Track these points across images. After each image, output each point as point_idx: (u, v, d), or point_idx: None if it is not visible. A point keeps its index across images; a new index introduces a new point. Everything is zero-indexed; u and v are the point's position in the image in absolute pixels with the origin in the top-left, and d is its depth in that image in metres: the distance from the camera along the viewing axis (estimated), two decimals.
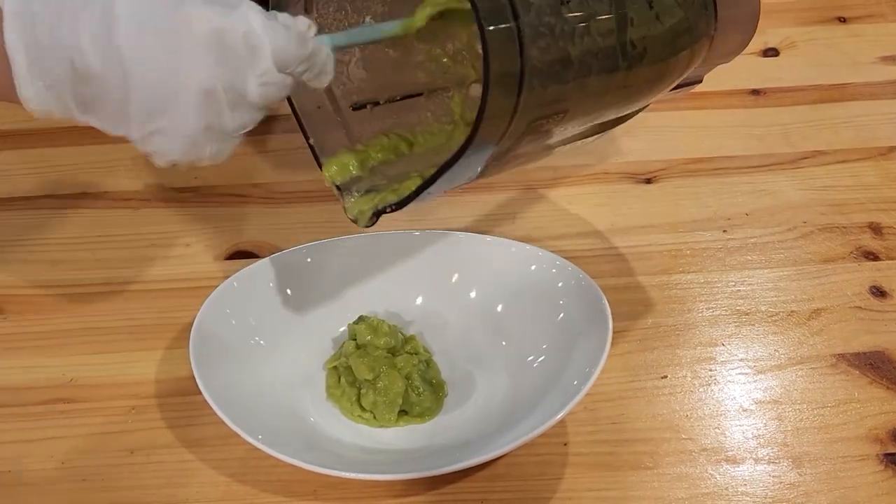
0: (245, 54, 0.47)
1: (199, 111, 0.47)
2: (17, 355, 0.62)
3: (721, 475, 0.55)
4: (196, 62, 0.46)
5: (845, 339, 0.62)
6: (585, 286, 0.59)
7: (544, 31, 0.46)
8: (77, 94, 0.47)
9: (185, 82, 0.46)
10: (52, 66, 0.46)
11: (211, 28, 0.46)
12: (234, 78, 0.47)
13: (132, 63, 0.45)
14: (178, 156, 0.49)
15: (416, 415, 0.57)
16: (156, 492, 0.54)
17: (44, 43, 0.46)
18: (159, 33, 0.46)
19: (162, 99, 0.46)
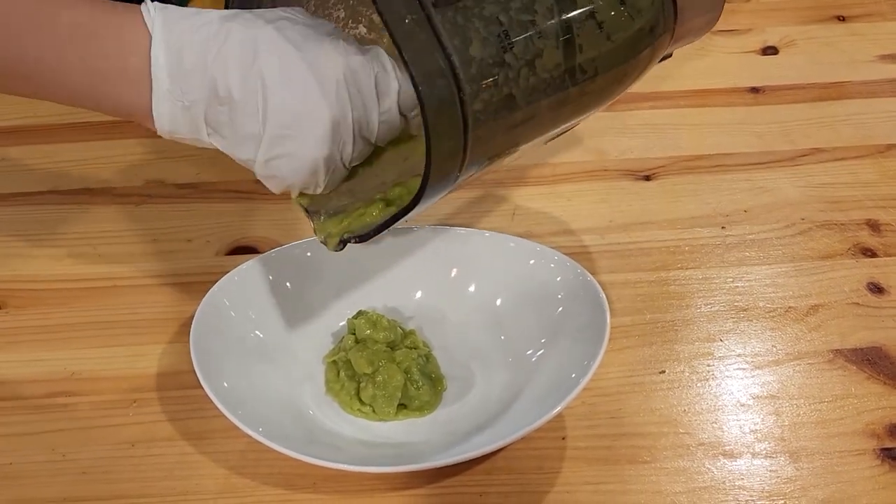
0: (374, 92, 0.50)
1: (325, 140, 0.50)
2: (19, 349, 0.62)
3: (718, 469, 0.55)
4: (331, 95, 0.49)
5: (843, 335, 0.62)
6: (584, 281, 0.60)
7: (487, 84, 0.47)
8: (211, 116, 0.50)
9: (318, 113, 0.49)
10: (193, 89, 0.50)
11: (347, 65, 0.49)
12: (361, 113, 0.50)
13: (272, 90, 0.49)
14: (298, 180, 0.52)
15: (415, 408, 0.58)
16: (156, 484, 0.55)
17: (188, 67, 0.49)
18: (300, 66, 0.49)
19: (294, 126, 0.50)
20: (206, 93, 0.50)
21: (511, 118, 0.49)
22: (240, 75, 0.49)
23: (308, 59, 0.49)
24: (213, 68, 0.49)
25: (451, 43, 0.46)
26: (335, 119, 0.50)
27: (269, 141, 0.50)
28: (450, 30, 0.46)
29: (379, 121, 0.51)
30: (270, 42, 0.49)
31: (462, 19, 0.47)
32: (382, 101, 0.50)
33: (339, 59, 0.49)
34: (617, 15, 0.51)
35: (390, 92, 0.50)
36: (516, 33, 0.48)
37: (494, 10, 0.47)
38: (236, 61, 0.49)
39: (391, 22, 0.45)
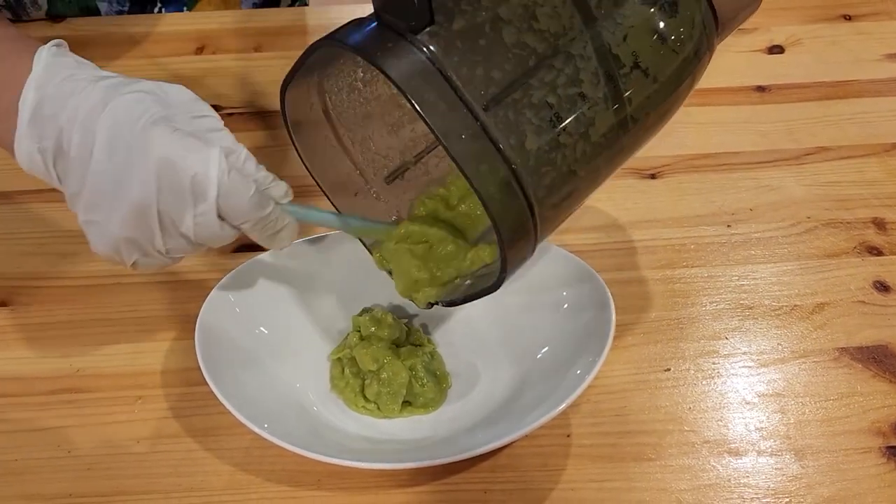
0: (188, 191, 0.50)
1: (127, 223, 0.52)
2: (26, 346, 0.63)
3: (724, 467, 0.55)
4: (140, 179, 0.50)
5: (848, 334, 0.62)
6: (589, 279, 0.59)
7: (547, 170, 0.48)
8: (58, 165, 0.52)
9: (125, 193, 0.51)
10: (46, 136, 0.52)
11: (165, 156, 0.50)
12: (170, 207, 0.51)
13: (95, 158, 0.51)
14: (102, 251, 0.54)
15: (419, 405, 0.58)
16: (161, 480, 0.55)
17: (47, 113, 0.52)
18: (123, 142, 0.51)
19: (103, 197, 0.51)
20: (54, 143, 0.52)
21: (573, 189, 0.50)
22: (79, 135, 0.51)
23: (134, 142, 0.50)
24: (63, 121, 0.51)
25: (507, 143, 0.46)
26: (137, 207, 0.51)
27: (86, 204, 0.52)
28: (504, 130, 0.46)
29: (195, 222, 0.51)
30: (114, 113, 0.51)
31: (513, 115, 0.46)
32: (197, 204, 0.51)
33: (161, 150, 0.50)
34: (660, 56, 0.50)
35: (207, 197, 0.51)
36: (566, 112, 0.48)
37: (542, 94, 0.47)
38: (81, 121, 0.51)
39: (449, 144, 0.45)
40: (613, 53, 0.49)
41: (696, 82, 0.55)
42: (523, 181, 0.47)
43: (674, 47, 0.51)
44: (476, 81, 0.46)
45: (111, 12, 0.90)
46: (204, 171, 0.50)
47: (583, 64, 0.48)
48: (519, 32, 0.47)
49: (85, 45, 0.83)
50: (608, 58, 0.49)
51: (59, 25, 0.89)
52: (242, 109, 0.81)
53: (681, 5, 0.51)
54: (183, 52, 0.87)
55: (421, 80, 0.45)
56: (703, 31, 0.53)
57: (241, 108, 0.81)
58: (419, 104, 0.45)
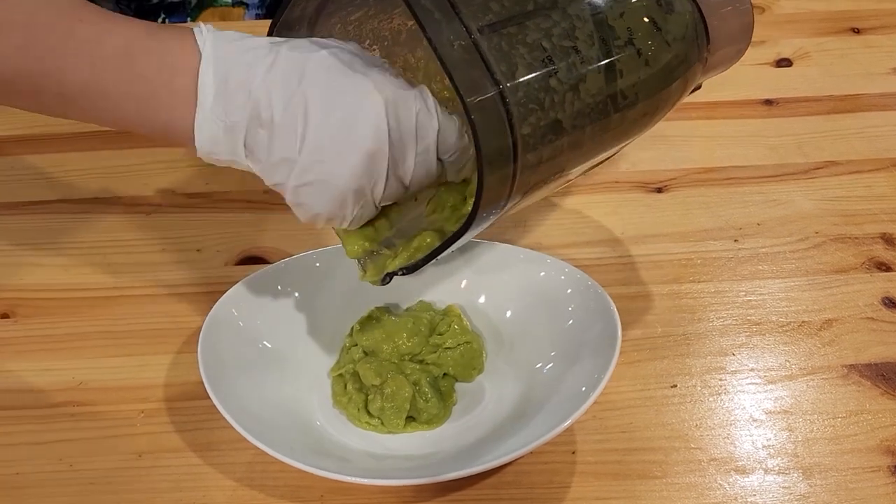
0: (413, 130, 0.49)
1: (357, 172, 0.49)
2: (28, 358, 0.62)
3: (730, 485, 0.55)
4: (369, 126, 0.49)
5: (857, 350, 0.62)
6: (594, 294, 0.59)
7: (534, 107, 0.47)
8: (250, 138, 0.50)
9: (354, 142, 0.49)
10: (236, 109, 0.49)
11: (390, 98, 0.49)
12: (398, 149, 0.50)
13: (313, 116, 0.49)
14: (325, 209, 0.51)
15: (423, 421, 0.57)
16: (163, 495, 0.55)
17: (233, 87, 0.49)
18: (343, 93, 0.49)
19: (330, 153, 0.49)
20: (248, 114, 0.49)
21: (557, 143, 0.49)
22: (283, 99, 0.49)
23: (352, 88, 0.49)
24: (258, 90, 0.49)
25: (497, 68, 0.46)
26: (371, 151, 0.49)
27: (303, 166, 0.50)
28: (496, 55, 0.47)
29: (415, 161, 0.50)
30: (317, 68, 0.49)
31: (507, 45, 0.47)
32: (420, 141, 0.50)
33: (382, 91, 0.49)
34: (654, 42, 0.52)
35: (429, 132, 0.50)
36: (559, 59, 0.48)
37: (537, 37, 0.48)
38: (281, 85, 0.49)
39: (440, 47, 0.45)
40: (609, 24, 0.50)
41: (685, 90, 0.56)
42: (510, 107, 0.46)
43: (667, 39, 0.52)
44: (474, 5, 0.47)
45: None
46: (426, 108, 0.50)
47: (579, 24, 0.49)
48: None
49: None
50: (604, 26, 0.50)
51: None
52: None
53: (675, 5, 0.53)
54: None
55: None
56: (695, 40, 0.54)
57: None
58: (415, 6, 0.45)
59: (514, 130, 0.47)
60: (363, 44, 0.57)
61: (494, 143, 0.46)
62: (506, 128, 0.46)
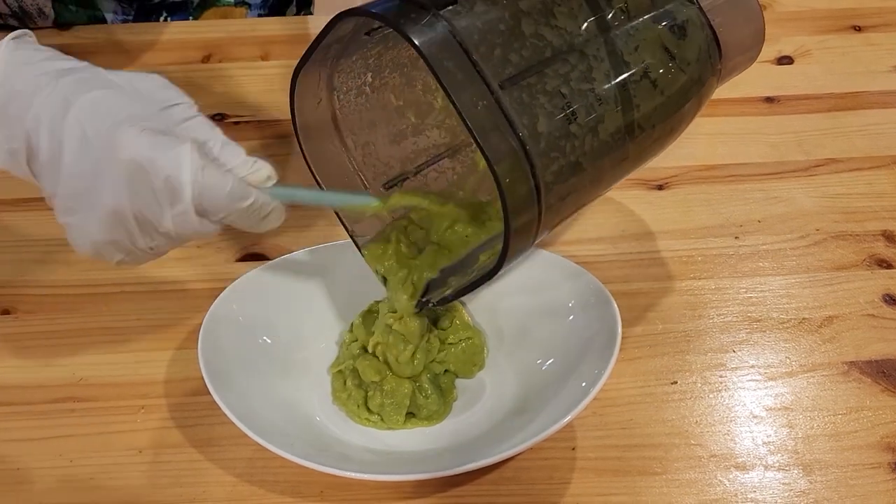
0: (162, 193, 0.49)
1: (104, 226, 0.50)
2: (28, 354, 0.62)
3: (730, 482, 0.55)
4: (112, 185, 0.49)
5: (857, 347, 0.62)
6: (595, 290, 0.59)
7: (556, 155, 0.48)
8: (31, 166, 0.51)
9: (99, 198, 0.49)
10: (13, 136, 0.50)
11: (134, 159, 0.48)
12: (146, 210, 0.49)
13: (65, 161, 0.49)
14: (85, 253, 0.52)
15: (423, 417, 0.57)
16: (163, 491, 0.55)
17: (13, 115, 0.50)
18: (91, 145, 0.49)
19: (79, 201, 0.50)
20: (25, 144, 0.50)
21: (579, 182, 0.50)
22: (47, 138, 0.49)
23: (102, 143, 0.48)
24: (29, 123, 0.49)
25: (520, 122, 0.47)
26: (115, 209, 0.49)
27: (62, 207, 0.51)
28: (517, 109, 0.47)
29: (174, 221, 0.49)
30: (79, 115, 0.49)
31: (528, 97, 0.48)
32: (174, 204, 0.48)
33: (128, 152, 0.48)
34: (668, 70, 0.53)
35: (182, 198, 0.48)
36: (578, 104, 0.49)
37: (556, 84, 0.49)
38: (47, 123, 0.49)
39: (465, 111, 0.46)
40: (625, 60, 0.51)
41: (700, 107, 0.56)
42: (533, 160, 0.47)
43: (681, 66, 0.53)
44: (494, 60, 0.47)
45: (117, 21, 0.91)
46: (176, 173, 0.48)
47: (596, 64, 0.50)
48: (537, 25, 0.49)
49: (91, 54, 0.83)
50: (620, 63, 0.51)
51: (66, 34, 0.89)
52: (249, 118, 0.80)
53: (689, 30, 0.54)
54: (189, 60, 0.87)
55: (441, 49, 0.46)
56: (709, 60, 0.55)
57: (247, 116, 0.81)
58: (438, 69, 0.45)
59: (537, 179, 0.48)
60: (383, 72, 0.57)
61: (519, 195, 0.47)
62: (529, 178, 0.47)
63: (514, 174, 0.47)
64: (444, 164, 0.60)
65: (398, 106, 0.58)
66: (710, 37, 0.55)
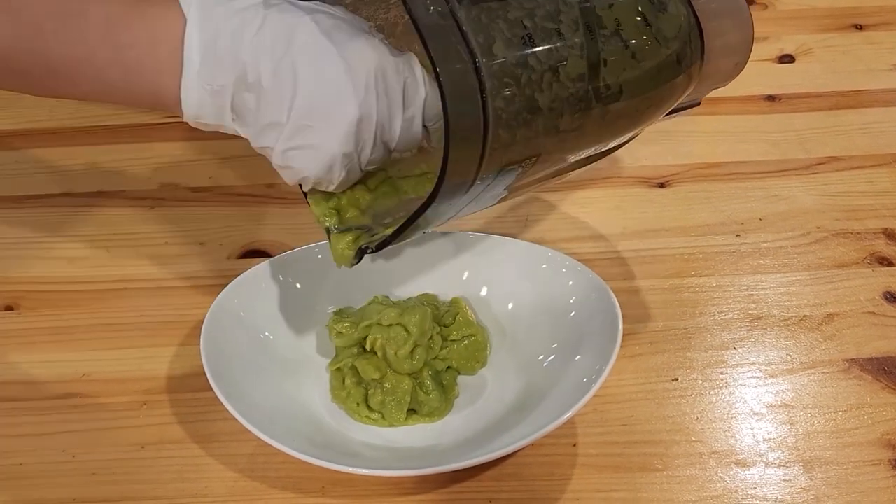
0: (401, 97, 0.50)
1: (346, 138, 0.50)
2: (32, 350, 0.63)
3: (731, 478, 0.55)
4: (359, 94, 0.49)
5: (858, 344, 0.62)
6: (596, 287, 0.59)
7: (509, 82, 0.47)
8: (238, 102, 0.50)
9: (344, 109, 0.49)
10: (223, 73, 0.49)
11: (379, 65, 0.49)
12: (385, 115, 0.50)
13: (302, 81, 0.49)
14: (313, 173, 0.51)
15: (425, 414, 0.57)
16: (165, 486, 0.55)
17: (221, 52, 0.49)
18: (332, 61, 0.49)
19: (319, 118, 0.49)
20: (236, 78, 0.49)
21: (533, 124, 0.48)
22: (271, 63, 0.49)
23: (341, 54, 0.49)
24: (245, 54, 0.49)
25: (474, 39, 0.46)
26: (360, 117, 0.49)
27: (292, 130, 0.50)
28: (474, 27, 0.46)
29: (401, 127, 0.50)
30: (306, 33, 0.49)
31: (486, 19, 0.47)
32: (407, 108, 0.50)
33: (371, 58, 0.49)
34: (643, 36, 0.51)
35: (416, 99, 0.50)
36: (540, 38, 0.48)
37: (519, 15, 0.47)
38: (269, 49, 0.49)
39: (414, 9, 0.45)
40: (597, 13, 0.50)
41: (677, 93, 0.55)
42: (483, 79, 0.46)
43: (657, 36, 0.51)
44: None
45: None
46: (413, 76, 0.50)
47: (564, 8, 0.49)
48: None
49: None
50: (591, 14, 0.49)
51: None
52: None
53: (669, 7, 0.52)
54: None
55: None
56: (688, 43, 0.53)
57: None
58: None
59: (485, 102, 0.46)
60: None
61: (464, 111, 0.45)
62: (477, 97, 0.46)
63: (460, 86, 0.45)
64: None
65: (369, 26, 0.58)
66: (691, 22, 0.53)
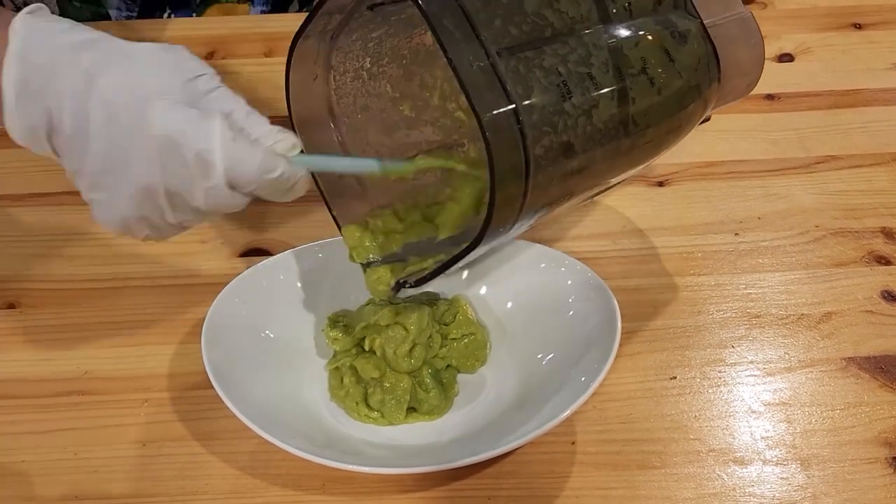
0: (194, 168, 0.48)
1: (135, 203, 0.50)
2: (33, 348, 0.63)
3: (729, 476, 0.55)
4: (143, 160, 0.48)
5: (855, 343, 0.62)
6: (595, 286, 0.59)
7: (548, 130, 0.48)
8: (53, 141, 0.50)
9: (129, 174, 0.49)
10: (33, 112, 0.49)
11: (166, 135, 0.48)
12: (178, 185, 0.49)
13: (93, 136, 0.48)
14: (111, 229, 0.52)
15: (424, 412, 0.58)
16: (167, 483, 0.55)
17: (32, 90, 0.49)
18: (119, 121, 0.48)
19: (107, 177, 0.49)
20: (46, 121, 0.49)
21: (569, 165, 0.50)
22: (71, 114, 0.49)
23: (136, 117, 0.48)
24: (50, 99, 0.49)
25: (514, 90, 0.47)
26: (144, 185, 0.49)
27: (87, 184, 0.50)
28: (513, 77, 0.47)
29: (206, 195, 0.49)
30: (104, 91, 0.48)
31: (524, 69, 0.48)
32: (206, 178, 0.48)
33: (161, 127, 0.47)
34: (666, 71, 0.53)
35: (214, 172, 0.48)
36: (574, 84, 0.49)
37: (554, 62, 0.49)
38: (70, 99, 0.48)
39: (459, 67, 0.46)
40: (624, 53, 0.51)
41: (696, 118, 0.56)
42: (524, 128, 0.47)
43: (680, 70, 0.53)
44: (494, 29, 0.48)
45: (121, 17, 0.91)
46: (208, 147, 0.47)
47: (595, 52, 0.50)
48: (539, 4, 0.49)
49: None
50: (619, 54, 0.51)
51: None
52: None
53: (689, 39, 0.54)
54: None
55: (442, 8, 0.46)
56: (707, 72, 0.55)
57: None
58: (437, 26, 0.46)
59: (527, 150, 0.47)
60: (382, 60, 0.57)
61: (507, 162, 0.47)
62: (519, 147, 0.47)
63: (503, 138, 0.46)
64: None
65: (394, 97, 0.58)
66: (710, 51, 0.55)
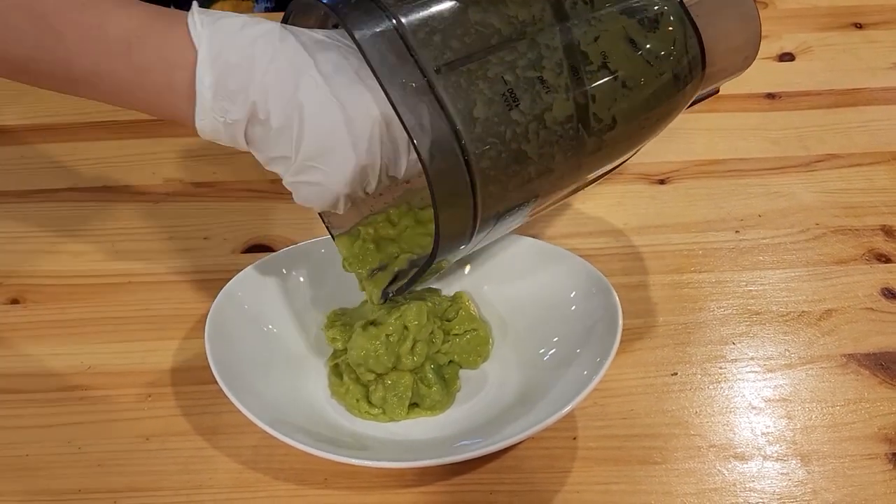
0: (401, 142, 0.50)
1: (350, 180, 0.51)
2: (38, 343, 0.63)
3: (729, 471, 0.55)
4: (359, 143, 0.50)
5: (856, 340, 0.62)
6: (597, 282, 0.60)
7: (493, 141, 0.48)
8: (249, 133, 0.51)
9: (347, 156, 0.50)
10: (234, 109, 0.50)
11: (383, 117, 0.49)
12: (390, 158, 0.51)
13: (308, 126, 0.50)
14: (318, 206, 0.53)
15: (426, 407, 0.58)
16: (170, 478, 0.55)
17: (231, 88, 0.50)
18: (340, 106, 0.49)
19: (323, 162, 0.51)
20: (247, 114, 0.51)
21: (525, 171, 0.50)
22: (279, 104, 0.50)
23: (346, 104, 0.49)
24: (255, 94, 0.50)
25: (453, 107, 0.47)
26: (363, 165, 0.50)
27: (298, 167, 0.51)
28: (452, 94, 0.47)
29: (408, 164, 0.51)
30: (313, 77, 0.50)
31: (466, 83, 0.48)
32: (412, 151, 0.50)
33: (379, 106, 0.49)
34: (631, 62, 0.51)
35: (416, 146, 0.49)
36: (522, 90, 0.49)
37: (499, 71, 0.48)
38: (277, 90, 0.50)
39: (390, 89, 0.46)
40: (582, 50, 0.50)
41: (677, 103, 0.55)
42: (465, 145, 0.47)
43: (648, 58, 0.52)
44: (432, 45, 0.47)
45: None
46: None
47: (547, 53, 0.49)
48: (485, 13, 0.49)
49: None
50: (575, 52, 0.50)
51: None
52: None
53: (661, 23, 0.52)
54: None
55: (375, 34, 0.47)
56: (686, 56, 0.53)
57: None
58: (368, 52, 0.46)
59: (470, 166, 0.47)
60: None
61: (450, 182, 0.47)
62: (461, 164, 0.47)
63: (442, 155, 0.46)
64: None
65: None
66: (690, 33, 0.53)
